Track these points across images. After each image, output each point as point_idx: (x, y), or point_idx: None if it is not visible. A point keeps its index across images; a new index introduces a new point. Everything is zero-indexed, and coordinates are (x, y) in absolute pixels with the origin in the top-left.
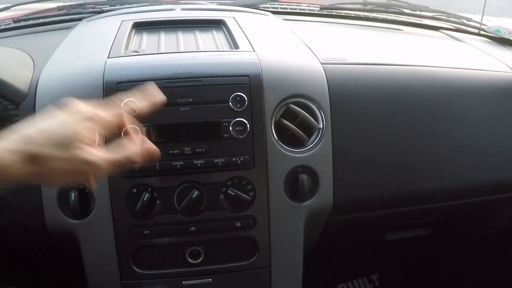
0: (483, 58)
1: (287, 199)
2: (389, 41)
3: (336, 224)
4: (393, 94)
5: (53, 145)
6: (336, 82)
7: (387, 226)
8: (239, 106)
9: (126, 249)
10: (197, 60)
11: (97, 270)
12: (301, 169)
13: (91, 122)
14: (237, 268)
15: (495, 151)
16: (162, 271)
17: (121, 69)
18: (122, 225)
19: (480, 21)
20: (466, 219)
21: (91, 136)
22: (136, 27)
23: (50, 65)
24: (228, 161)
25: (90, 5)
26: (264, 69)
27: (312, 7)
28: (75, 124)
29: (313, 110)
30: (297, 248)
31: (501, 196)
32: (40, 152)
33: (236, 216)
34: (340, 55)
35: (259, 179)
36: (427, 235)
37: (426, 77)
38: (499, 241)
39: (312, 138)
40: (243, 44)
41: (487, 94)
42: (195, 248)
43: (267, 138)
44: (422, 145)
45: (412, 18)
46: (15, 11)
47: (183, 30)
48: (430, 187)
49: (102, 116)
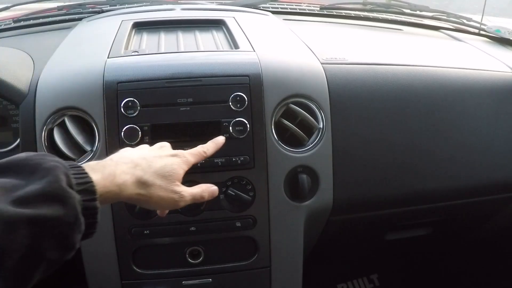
0: (483, 58)
1: (287, 199)
2: (389, 41)
3: (336, 224)
4: (393, 94)
5: (157, 175)
6: (336, 82)
7: (387, 226)
8: (239, 106)
9: (126, 249)
10: (197, 60)
11: (97, 270)
12: (301, 169)
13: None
14: (237, 268)
15: (495, 151)
16: (162, 271)
17: (121, 69)
18: (122, 225)
19: (480, 21)
20: (466, 219)
21: (182, 173)
22: (136, 27)
23: (50, 65)
24: (228, 161)
25: (90, 5)
26: (264, 69)
27: (312, 7)
28: (174, 163)
29: (313, 110)
30: (297, 248)
31: (501, 196)
32: (148, 179)
33: (236, 216)
34: (340, 55)
35: (259, 179)
36: (427, 235)
37: (426, 77)
38: (499, 241)
39: (312, 138)
40: (243, 44)
41: (487, 94)
42: (195, 248)
43: (267, 138)
44: (422, 145)
45: (412, 18)
46: (15, 11)
47: (183, 30)
48: (430, 187)
49: (188, 158)
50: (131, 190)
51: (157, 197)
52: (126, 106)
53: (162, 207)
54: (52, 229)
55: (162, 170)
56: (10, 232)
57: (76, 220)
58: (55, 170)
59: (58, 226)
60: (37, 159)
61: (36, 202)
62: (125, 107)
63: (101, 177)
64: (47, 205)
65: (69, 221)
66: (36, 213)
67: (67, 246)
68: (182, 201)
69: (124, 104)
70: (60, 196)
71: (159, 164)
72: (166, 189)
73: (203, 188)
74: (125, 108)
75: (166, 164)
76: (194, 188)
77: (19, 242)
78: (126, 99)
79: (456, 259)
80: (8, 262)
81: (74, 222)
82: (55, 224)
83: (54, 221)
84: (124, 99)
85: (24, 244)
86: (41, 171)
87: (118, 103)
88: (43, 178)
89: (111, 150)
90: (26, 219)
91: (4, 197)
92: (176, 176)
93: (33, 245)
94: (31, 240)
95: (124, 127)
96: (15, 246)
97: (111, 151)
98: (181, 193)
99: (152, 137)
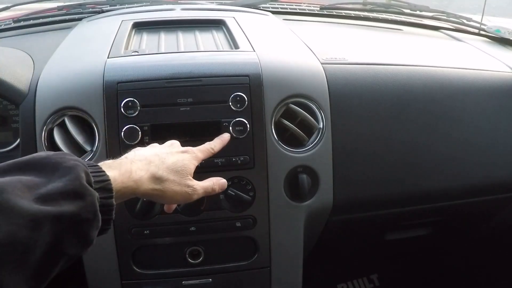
0: (483, 58)
1: (287, 199)
2: (389, 41)
3: (336, 224)
4: (393, 94)
5: (170, 171)
6: (336, 82)
7: (387, 226)
8: (239, 106)
9: (126, 249)
10: (197, 60)
11: (97, 270)
12: (301, 169)
13: (193, 158)
14: (237, 268)
15: (495, 151)
16: (162, 271)
17: (121, 69)
18: (122, 225)
19: (480, 21)
20: (467, 219)
21: (193, 168)
22: (136, 27)
23: (50, 65)
24: (228, 161)
25: (90, 5)
26: (264, 69)
27: (312, 7)
28: (185, 159)
29: (313, 110)
30: (297, 248)
31: (501, 196)
32: (162, 174)
33: (236, 216)
34: (340, 55)
35: (259, 179)
36: (427, 235)
37: (426, 77)
38: (500, 241)
39: (312, 138)
40: (243, 44)
41: (487, 94)
42: (195, 248)
43: (267, 138)
44: (422, 145)
45: (412, 18)
46: (15, 11)
47: (183, 30)
48: (430, 187)
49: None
50: (146, 185)
51: (171, 191)
52: (126, 106)
53: (176, 201)
54: (73, 225)
55: (174, 166)
56: (35, 229)
57: (95, 217)
58: (75, 168)
59: (79, 223)
60: (57, 158)
61: (59, 200)
62: (125, 107)
63: (118, 174)
64: (69, 202)
65: (89, 218)
66: (59, 210)
67: (85, 242)
68: (195, 194)
69: (124, 104)
70: (81, 194)
71: (171, 160)
72: (180, 183)
73: (214, 181)
74: (125, 108)
75: (177, 160)
76: (205, 181)
77: (42, 239)
78: (126, 99)
79: (456, 259)
80: (31, 258)
81: (93, 218)
82: (76, 220)
83: (76, 217)
84: (124, 99)
85: (47, 241)
86: (62, 170)
87: (118, 103)
88: (65, 176)
89: (111, 150)
90: (50, 216)
91: (27, 194)
92: (188, 170)
93: (55, 241)
94: (54, 237)
95: (124, 127)
96: (38, 243)
97: (111, 151)
98: (194, 186)
99: (152, 137)
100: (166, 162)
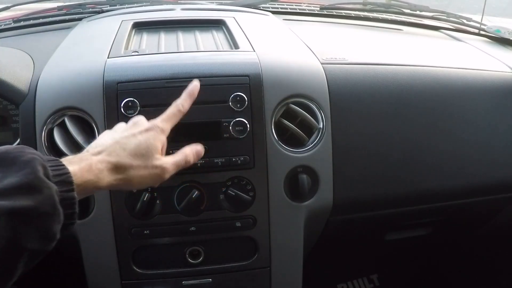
0: (483, 58)
1: (287, 199)
2: (389, 41)
3: (336, 224)
4: (393, 94)
5: (133, 156)
6: (336, 82)
7: (387, 226)
8: (239, 106)
9: (126, 249)
10: (197, 60)
11: (97, 270)
12: (301, 169)
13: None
14: (237, 268)
15: (496, 151)
16: (162, 271)
17: (121, 69)
18: (122, 225)
19: (480, 21)
20: (467, 219)
21: (159, 145)
22: (136, 27)
23: (50, 65)
24: (228, 161)
25: (90, 5)
26: (264, 69)
27: (312, 7)
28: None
29: (313, 110)
30: (297, 248)
31: (501, 196)
32: (124, 162)
33: (236, 216)
34: (340, 55)
35: (259, 179)
36: (427, 235)
37: (426, 77)
38: (500, 241)
39: (312, 138)
40: (243, 44)
41: (487, 94)
42: (195, 248)
43: (267, 138)
44: (422, 145)
45: (412, 18)
46: (15, 11)
47: (183, 30)
48: (430, 187)
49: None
50: (109, 177)
51: (138, 177)
52: (126, 106)
53: (146, 185)
54: (31, 219)
55: (137, 149)
56: None
57: (55, 210)
58: (32, 162)
59: (36, 217)
60: (15, 152)
61: (14, 194)
62: (125, 107)
63: (78, 168)
64: (25, 196)
65: (48, 211)
66: (15, 204)
67: (47, 237)
68: (165, 173)
69: (124, 104)
70: (37, 187)
71: (133, 143)
72: (146, 166)
73: (187, 153)
74: (125, 108)
75: (140, 142)
76: (176, 155)
77: None
78: (126, 99)
79: (456, 259)
80: None
81: (53, 212)
82: (34, 214)
83: (33, 211)
84: (124, 99)
85: (4, 236)
86: (19, 164)
87: (118, 103)
88: (21, 170)
89: None
90: (5, 211)
91: None
92: (154, 150)
93: (13, 237)
94: (11, 232)
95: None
96: None
97: None
98: (162, 165)
99: None
100: (127, 148)
